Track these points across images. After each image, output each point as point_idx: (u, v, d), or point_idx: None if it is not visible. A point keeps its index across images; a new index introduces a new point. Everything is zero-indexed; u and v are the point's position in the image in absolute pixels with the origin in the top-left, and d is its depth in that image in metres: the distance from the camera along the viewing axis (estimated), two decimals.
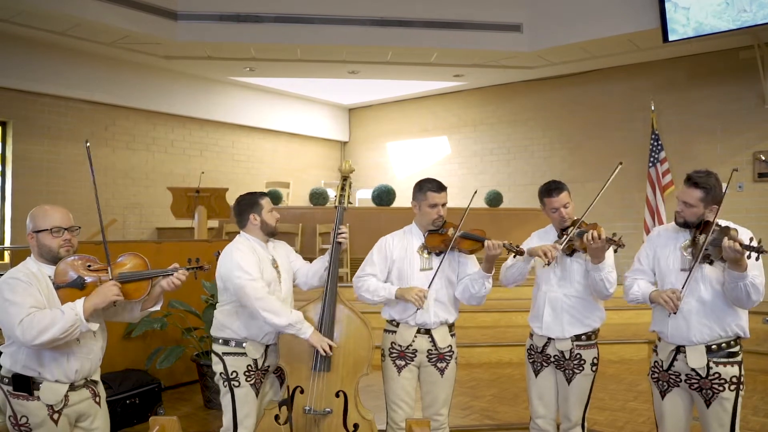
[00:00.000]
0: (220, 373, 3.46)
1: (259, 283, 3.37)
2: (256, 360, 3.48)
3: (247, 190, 3.79)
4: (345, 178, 3.92)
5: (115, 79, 10.47)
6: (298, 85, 12.70)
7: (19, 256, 7.36)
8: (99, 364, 3.12)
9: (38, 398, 2.86)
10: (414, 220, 3.78)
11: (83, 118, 10.31)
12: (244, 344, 3.47)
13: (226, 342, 3.48)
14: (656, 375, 3.38)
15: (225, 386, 3.45)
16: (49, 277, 2.92)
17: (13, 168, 9.58)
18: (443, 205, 3.65)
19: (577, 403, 3.61)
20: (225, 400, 3.46)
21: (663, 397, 3.33)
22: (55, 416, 2.88)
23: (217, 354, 3.50)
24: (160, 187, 10.69)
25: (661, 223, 9.00)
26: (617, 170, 3.69)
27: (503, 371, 6.69)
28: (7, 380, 2.89)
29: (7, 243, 9.49)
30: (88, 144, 3.17)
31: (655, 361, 3.40)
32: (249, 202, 3.60)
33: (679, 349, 3.26)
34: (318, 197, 10.10)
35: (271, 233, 3.63)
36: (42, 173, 9.77)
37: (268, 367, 3.59)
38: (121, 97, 10.64)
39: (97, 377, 3.13)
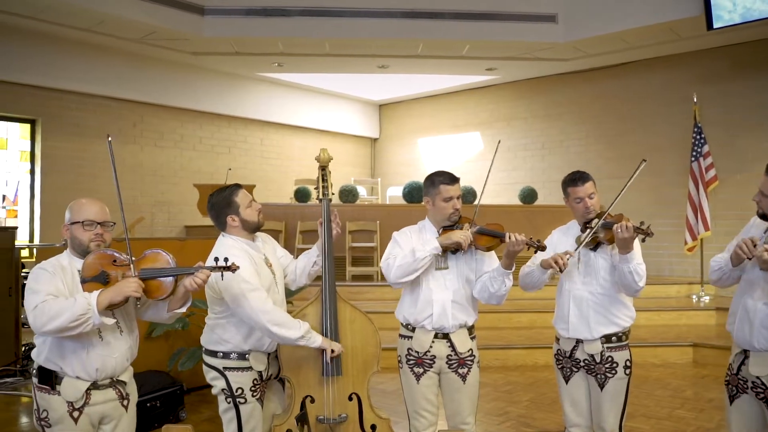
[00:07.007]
0: (222, 389, 3.17)
1: (262, 293, 3.09)
2: (261, 372, 3.21)
3: (277, 187, 3.49)
4: (323, 168, 3.58)
5: (142, 75, 10.41)
6: (327, 80, 12.55)
7: (43, 253, 7.30)
8: (127, 365, 2.98)
9: (59, 393, 2.78)
10: (427, 216, 3.51)
11: (111, 115, 10.28)
12: (247, 356, 3.18)
13: (226, 355, 3.17)
14: (727, 378, 3.11)
15: (228, 402, 3.17)
16: (78, 270, 2.82)
17: (42, 166, 9.57)
18: (458, 198, 3.37)
19: (612, 410, 3.31)
20: (227, 415, 3.19)
21: (731, 402, 3.05)
22: (75, 414, 2.78)
23: (215, 368, 3.20)
24: (188, 184, 10.61)
25: (704, 221, 8.60)
26: (641, 167, 3.39)
27: (540, 375, 6.41)
28: (35, 372, 2.85)
29: (36, 240, 9.47)
30: (110, 139, 3.06)
31: (730, 363, 3.13)
32: (222, 203, 3.23)
33: (747, 354, 2.98)
34: (348, 194, 9.91)
35: (255, 229, 3.30)
36: (70, 171, 9.75)
37: (271, 375, 3.33)
38: (148, 94, 10.59)
39: (125, 378, 2.98)
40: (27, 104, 9.37)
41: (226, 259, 2.80)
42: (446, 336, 3.35)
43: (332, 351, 3.18)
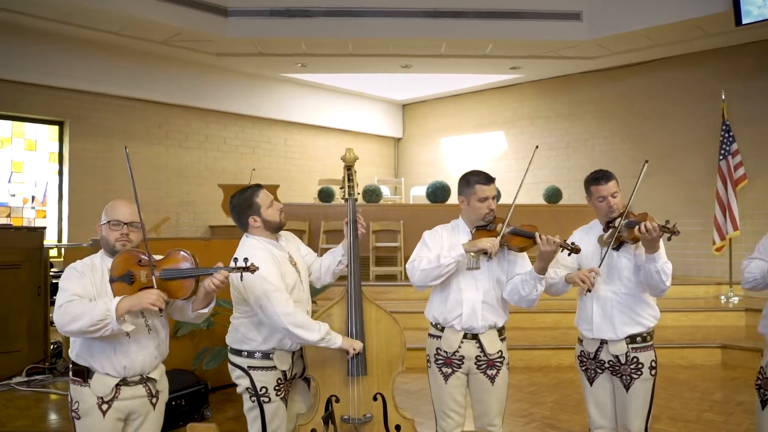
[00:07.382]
0: (247, 388, 3.19)
1: (284, 294, 3.10)
2: (285, 371, 3.23)
3: (301, 187, 3.49)
4: (349, 168, 3.61)
5: (167, 77, 10.53)
6: (350, 80, 12.57)
7: (71, 253, 7.41)
8: (158, 362, 3.01)
9: (89, 386, 2.85)
10: (461, 215, 3.49)
11: (136, 116, 10.40)
12: (271, 355, 3.19)
13: (250, 354, 3.19)
14: (758, 381, 3.05)
15: (253, 401, 3.19)
16: (108, 270, 2.87)
17: (70, 167, 9.70)
18: (493, 198, 3.35)
19: (638, 412, 3.26)
20: (252, 414, 3.21)
21: (763, 406, 2.99)
22: (104, 407, 2.84)
23: (240, 367, 3.22)
24: (213, 185, 10.69)
25: (733, 220, 8.45)
26: (645, 168, 3.38)
27: (565, 376, 6.35)
28: (71, 365, 2.93)
29: (65, 240, 9.61)
30: (127, 150, 3.09)
31: (761, 366, 3.07)
32: (243, 204, 3.24)
33: None
34: (371, 194, 9.92)
35: (277, 229, 3.31)
36: (97, 172, 9.88)
37: (296, 374, 3.34)
38: (173, 95, 10.69)
39: (156, 375, 3.01)
40: (55, 106, 9.52)
41: (245, 260, 2.79)
42: (475, 336, 3.32)
43: (353, 349, 3.18)
